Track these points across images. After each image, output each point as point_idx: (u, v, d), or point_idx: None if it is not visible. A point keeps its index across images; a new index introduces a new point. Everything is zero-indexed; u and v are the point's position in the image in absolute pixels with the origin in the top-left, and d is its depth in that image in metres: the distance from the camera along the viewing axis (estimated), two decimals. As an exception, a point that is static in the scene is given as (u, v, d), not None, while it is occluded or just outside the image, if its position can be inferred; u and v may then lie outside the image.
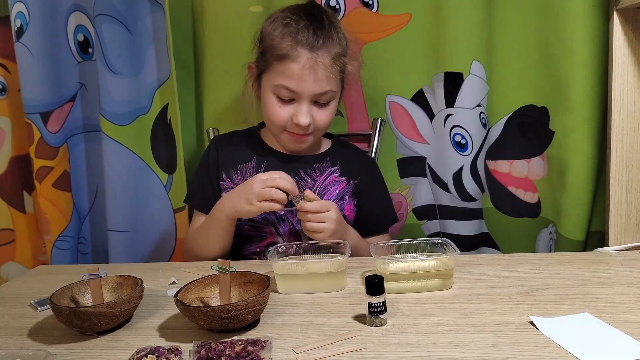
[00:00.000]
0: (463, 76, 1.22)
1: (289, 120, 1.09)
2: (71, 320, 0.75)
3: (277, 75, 1.07)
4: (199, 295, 0.82)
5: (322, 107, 1.10)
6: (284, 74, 1.06)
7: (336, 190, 1.15)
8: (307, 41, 1.05)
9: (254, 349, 0.68)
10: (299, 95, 1.07)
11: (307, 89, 1.06)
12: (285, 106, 1.09)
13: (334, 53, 1.07)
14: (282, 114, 1.09)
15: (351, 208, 1.16)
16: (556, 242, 1.25)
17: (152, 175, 1.39)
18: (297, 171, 1.15)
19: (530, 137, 1.26)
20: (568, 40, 1.13)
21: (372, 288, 0.75)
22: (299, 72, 1.05)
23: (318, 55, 1.05)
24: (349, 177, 1.17)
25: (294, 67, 1.05)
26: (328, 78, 1.07)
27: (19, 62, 1.35)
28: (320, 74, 1.05)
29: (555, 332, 0.70)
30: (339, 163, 1.18)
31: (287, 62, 1.05)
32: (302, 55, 1.05)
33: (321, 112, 1.10)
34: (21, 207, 1.51)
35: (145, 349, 0.70)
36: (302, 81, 1.05)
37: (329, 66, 1.06)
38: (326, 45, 1.06)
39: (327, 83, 1.07)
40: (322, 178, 1.16)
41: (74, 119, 1.43)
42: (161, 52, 1.33)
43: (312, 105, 1.09)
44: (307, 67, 1.04)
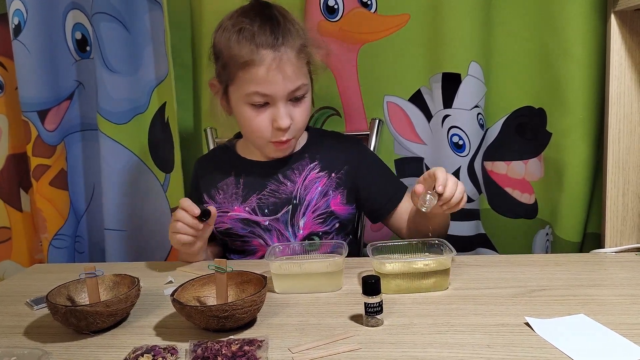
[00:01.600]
0: (461, 77, 1.22)
1: (270, 128, 1.06)
2: (67, 319, 0.74)
3: (245, 84, 1.04)
4: (196, 294, 0.82)
5: (297, 104, 1.07)
6: (252, 81, 1.02)
7: (318, 188, 1.13)
8: (266, 42, 1.01)
9: (250, 348, 0.68)
10: (272, 97, 1.04)
11: (279, 89, 1.03)
12: (261, 113, 1.06)
13: (297, 46, 1.04)
14: (261, 123, 1.06)
15: (338, 202, 1.13)
16: (552, 243, 1.25)
17: (149, 174, 1.39)
18: (275, 176, 1.13)
19: (528, 138, 1.27)
20: (565, 42, 1.14)
21: (369, 288, 0.75)
22: (266, 74, 1.01)
23: (282, 53, 1.01)
24: (330, 170, 1.14)
25: (260, 70, 1.01)
26: (297, 73, 1.04)
27: (17, 60, 1.35)
28: (288, 71, 1.02)
29: (550, 333, 0.70)
30: (317, 158, 1.15)
31: (252, 68, 1.01)
32: (265, 56, 1.01)
33: (298, 110, 1.07)
34: (18, 206, 1.51)
35: (142, 348, 0.70)
36: (272, 83, 1.02)
37: (295, 60, 1.03)
38: (287, 40, 1.03)
39: (297, 78, 1.04)
40: (302, 178, 1.13)
41: (71, 117, 1.43)
42: (159, 50, 1.33)
43: (288, 105, 1.06)
44: (274, 67, 1.01)
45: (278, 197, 1.12)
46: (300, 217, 1.12)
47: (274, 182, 1.13)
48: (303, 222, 1.12)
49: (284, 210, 1.11)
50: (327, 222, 1.13)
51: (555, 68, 1.17)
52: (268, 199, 1.12)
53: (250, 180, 1.14)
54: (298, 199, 1.12)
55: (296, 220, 1.12)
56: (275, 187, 1.13)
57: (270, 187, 1.13)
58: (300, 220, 1.12)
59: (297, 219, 1.12)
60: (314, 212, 1.12)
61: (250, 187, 1.13)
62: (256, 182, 1.14)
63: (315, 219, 1.12)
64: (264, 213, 1.12)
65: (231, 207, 1.13)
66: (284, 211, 1.12)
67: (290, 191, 1.13)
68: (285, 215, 1.12)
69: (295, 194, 1.12)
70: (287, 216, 1.12)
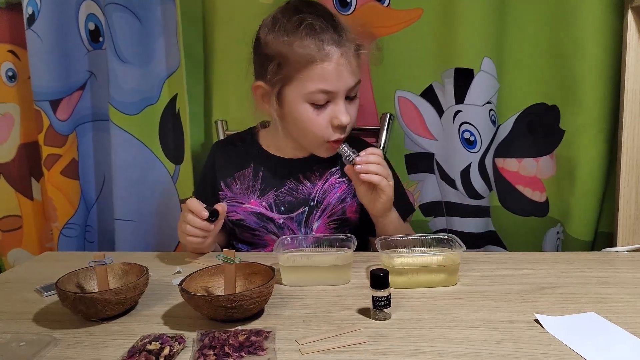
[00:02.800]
0: (474, 73, 1.21)
1: (328, 127, 1.05)
2: (76, 306, 0.75)
3: (309, 82, 1.01)
4: (204, 284, 0.82)
5: (352, 101, 1.07)
6: (318, 78, 1.00)
7: (337, 193, 1.13)
8: (332, 38, 1.00)
9: (257, 339, 0.68)
10: (335, 94, 1.03)
11: (342, 85, 1.02)
12: (321, 112, 1.04)
13: (355, 42, 1.04)
14: (321, 122, 1.04)
15: (353, 210, 1.13)
16: (563, 242, 1.24)
17: (159, 165, 1.39)
18: (296, 176, 1.13)
19: (540, 135, 1.25)
20: (580, 38, 1.12)
21: (377, 282, 0.75)
22: (335, 70, 1.00)
23: (346, 48, 1.01)
24: None
25: (328, 67, 1.00)
26: (357, 69, 1.04)
27: (30, 49, 1.36)
28: (352, 65, 1.02)
29: (560, 330, 0.69)
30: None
31: (319, 65, 0.99)
32: (332, 53, 1.00)
33: (352, 107, 1.07)
34: (29, 194, 1.52)
35: (150, 336, 0.70)
36: (339, 79, 1.01)
37: (356, 56, 1.04)
38: (347, 35, 1.02)
39: (357, 74, 1.05)
40: (322, 181, 1.13)
41: (83, 107, 1.44)
42: (171, 42, 1.33)
43: (345, 102, 1.05)
44: (341, 63, 1.00)
45: (295, 196, 1.12)
46: (315, 220, 1.12)
47: (294, 181, 1.13)
48: (317, 225, 1.12)
49: (299, 211, 1.12)
50: (339, 228, 1.13)
51: (569, 64, 1.15)
52: (285, 197, 1.12)
53: (269, 175, 1.13)
54: (315, 201, 1.12)
55: (310, 222, 1.12)
56: (294, 186, 1.13)
57: (288, 185, 1.13)
58: (315, 222, 1.12)
59: (312, 221, 1.12)
60: (329, 217, 1.12)
61: (269, 182, 1.13)
62: (275, 178, 1.13)
63: (329, 223, 1.13)
64: (279, 211, 1.12)
65: (247, 199, 1.13)
66: (300, 211, 1.12)
67: (308, 192, 1.12)
68: (301, 216, 1.12)
69: (313, 196, 1.12)
70: (302, 217, 1.12)
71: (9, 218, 1.51)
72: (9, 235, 1.52)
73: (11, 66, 1.47)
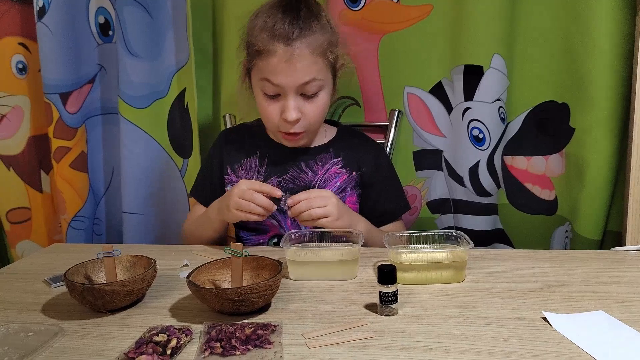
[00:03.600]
0: (483, 69, 1.21)
1: (279, 118, 1.08)
2: (84, 297, 0.75)
3: (260, 71, 1.07)
4: (211, 277, 0.82)
5: (310, 99, 1.07)
6: (265, 69, 1.05)
7: (337, 183, 1.14)
8: (282, 34, 1.03)
9: (264, 332, 0.68)
10: (282, 89, 1.05)
11: (288, 81, 1.04)
12: (273, 103, 1.08)
13: (314, 42, 1.04)
14: (271, 112, 1.08)
15: (353, 200, 1.15)
16: (572, 240, 1.23)
17: (167, 159, 1.40)
18: (298, 164, 1.15)
19: (550, 133, 1.24)
20: (592, 36, 1.11)
21: (384, 277, 0.75)
22: (277, 65, 1.03)
23: (294, 48, 1.02)
24: (352, 168, 1.16)
25: (273, 61, 1.03)
26: (309, 68, 1.04)
27: (40, 42, 1.36)
28: (299, 66, 1.03)
29: (568, 328, 0.69)
30: (342, 154, 1.16)
31: (266, 57, 1.04)
32: (277, 48, 1.03)
33: (310, 105, 1.08)
34: (38, 186, 1.53)
35: (157, 327, 0.70)
36: (282, 74, 1.03)
37: (308, 56, 1.04)
38: (303, 35, 1.03)
39: (309, 72, 1.04)
40: (324, 170, 1.15)
41: (92, 100, 1.44)
42: (180, 36, 1.33)
43: (299, 99, 1.06)
44: (284, 59, 1.02)
45: (297, 184, 1.14)
46: None
47: (296, 169, 1.15)
48: None
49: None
50: None
51: (580, 62, 1.14)
52: (287, 183, 1.14)
53: (273, 162, 1.16)
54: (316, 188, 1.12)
55: None
56: (296, 173, 1.14)
57: (291, 172, 1.15)
58: None
59: None
60: None
61: (273, 168, 1.15)
62: (279, 165, 1.15)
63: None
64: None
65: None
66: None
67: (309, 180, 1.14)
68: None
69: (314, 184, 1.14)
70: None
71: (18, 210, 1.52)
72: (18, 227, 1.53)
73: (22, 59, 1.47)
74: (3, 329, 0.73)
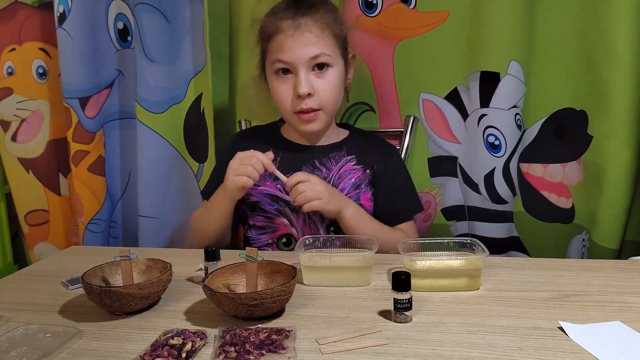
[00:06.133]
0: (500, 76, 1.20)
1: (292, 97, 1.10)
2: (101, 299, 0.76)
3: (270, 54, 1.11)
4: (226, 282, 0.82)
5: (321, 74, 1.10)
6: (275, 49, 1.10)
7: (352, 179, 1.15)
8: (287, 14, 1.09)
9: (278, 337, 0.68)
10: (292, 65, 1.09)
11: (297, 55, 1.07)
12: (284, 83, 1.11)
13: (321, 18, 1.09)
14: (283, 92, 1.11)
15: (368, 197, 1.15)
16: (589, 249, 1.22)
17: (183, 163, 1.41)
18: (312, 161, 1.16)
19: (567, 140, 1.23)
20: (611, 43, 1.10)
21: (399, 284, 0.74)
22: (285, 40, 1.08)
23: (300, 23, 1.07)
24: (365, 166, 1.16)
25: (280, 38, 1.08)
26: (317, 41, 1.08)
27: (60, 47, 1.39)
28: (307, 38, 1.07)
29: (585, 339, 0.68)
30: (355, 152, 1.17)
31: (274, 38, 1.09)
32: (283, 24, 1.08)
33: (321, 81, 1.10)
34: (56, 189, 1.55)
35: (172, 331, 0.71)
36: (291, 48, 1.08)
37: (316, 30, 1.08)
38: (309, 12, 1.08)
39: (318, 46, 1.08)
40: (338, 167, 1.15)
41: (110, 105, 1.46)
42: (198, 42, 1.35)
43: (310, 74, 1.09)
44: (291, 33, 1.07)
45: None
46: None
47: (309, 167, 1.15)
48: None
49: None
50: None
51: (598, 69, 1.13)
52: None
53: (287, 159, 1.16)
54: (331, 185, 1.12)
55: None
56: (310, 171, 1.14)
57: (304, 170, 1.14)
58: None
59: None
60: None
61: (286, 166, 1.13)
62: (292, 163, 1.15)
63: None
64: None
65: (263, 181, 1.14)
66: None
67: (324, 177, 1.13)
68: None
69: (329, 180, 1.14)
70: None
71: (36, 212, 1.55)
72: (36, 229, 1.55)
73: (42, 64, 1.50)
74: (22, 330, 0.74)
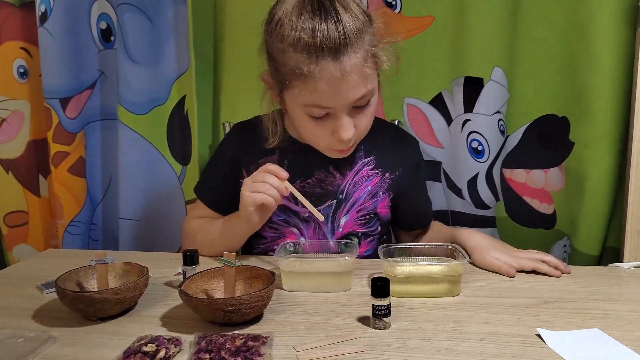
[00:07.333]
0: (483, 82, 1.21)
1: (330, 137, 0.95)
2: (75, 304, 0.75)
3: (302, 95, 0.90)
4: (204, 287, 0.81)
5: (362, 110, 0.93)
6: (311, 94, 0.88)
7: (368, 187, 1.04)
8: (327, 48, 0.84)
9: (254, 344, 0.67)
10: (333, 109, 0.91)
11: (343, 101, 0.89)
12: (321, 124, 0.93)
13: (363, 47, 0.88)
14: (320, 134, 0.95)
15: (385, 204, 1.06)
16: (570, 255, 1.22)
17: (166, 165, 1.39)
18: (325, 166, 1.03)
19: (550, 147, 1.24)
20: (593, 50, 1.11)
21: (378, 290, 0.74)
22: (328, 87, 0.87)
23: (344, 61, 0.85)
24: (385, 169, 1.05)
25: (321, 85, 0.86)
26: (363, 81, 0.89)
27: (41, 47, 1.37)
28: (352, 80, 0.87)
29: (562, 346, 0.68)
30: (374, 153, 1.06)
31: (310, 81, 0.87)
32: (325, 68, 0.85)
33: (362, 117, 0.94)
34: (36, 191, 1.53)
35: (146, 337, 0.69)
36: (335, 95, 0.88)
37: (361, 67, 0.87)
38: (350, 41, 0.85)
39: (362, 86, 0.89)
40: (353, 172, 1.04)
41: (92, 106, 1.44)
42: (181, 43, 1.33)
43: (351, 113, 0.92)
44: (337, 79, 0.86)
45: (324, 188, 1.03)
46: (343, 215, 1.04)
47: (323, 172, 1.03)
48: (344, 221, 1.05)
49: (326, 204, 1.03)
50: (369, 224, 1.06)
51: (581, 76, 1.14)
52: (313, 188, 1.03)
53: (296, 164, 1.02)
54: (345, 194, 1.04)
55: (338, 216, 1.04)
56: (323, 176, 1.04)
57: (317, 175, 1.04)
58: (342, 217, 1.04)
59: (339, 215, 1.04)
60: (359, 212, 1.05)
61: (295, 171, 1.00)
62: (302, 168, 1.03)
63: (358, 219, 1.05)
64: None
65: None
66: (327, 205, 1.03)
67: (338, 184, 1.04)
68: (327, 210, 1.03)
69: (342, 189, 1.04)
70: (329, 210, 1.04)
71: (15, 214, 1.52)
72: (15, 230, 1.52)
73: (23, 63, 1.48)
74: (-7, 335, 0.73)
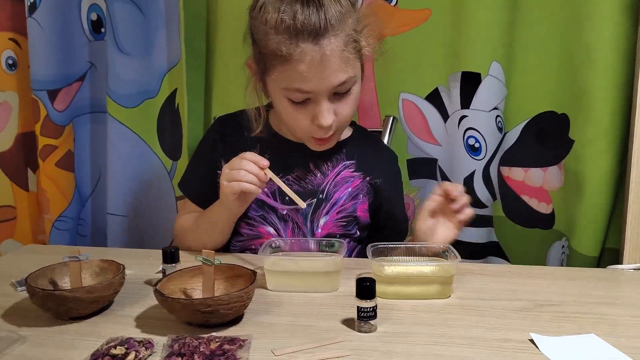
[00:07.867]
0: (481, 77, 1.17)
1: (310, 124, 0.95)
2: (45, 303, 0.72)
3: (283, 78, 0.91)
4: (183, 286, 0.78)
5: (343, 97, 0.94)
6: (291, 77, 0.90)
7: (348, 189, 1.03)
8: (308, 32, 0.86)
9: (230, 347, 0.64)
10: (313, 94, 0.91)
11: (322, 86, 0.90)
12: (301, 110, 0.94)
13: (344, 32, 0.89)
14: (301, 120, 0.95)
15: (365, 208, 1.05)
16: (568, 256, 1.19)
17: (156, 160, 1.36)
18: (306, 163, 1.03)
19: (548, 145, 1.21)
20: (593, 47, 1.08)
21: (363, 291, 0.70)
22: (308, 70, 0.88)
23: (325, 46, 0.87)
24: (366, 173, 1.05)
25: (301, 67, 0.88)
26: (343, 66, 0.89)
27: (30, 38, 1.34)
28: (333, 64, 0.88)
29: (556, 352, 0.65)
30: (355, 157, 1.05)
31: (291, 63, 0.88)
32: (306, 51, 0.87)
33: (343, 104, 0.94)
34: (24, 185, 1.50)
35: (116, 339, 0.66)
36: (313, 80, 0.89)
37: (341, 51, 0.88)
38: (331, 27, 0.87)
39: (344, 71, 0.90)
40: (334, 173, 1.03)
41: (81, 98, 1.41)
42: (172, 35, 1.30)
43: (332, 100, 0.93)
44: (316, 62, 0.87)
45: (303, 186, 1.02)
46: (322, 215, 1.03)
47: (302, 169, 1.03)
48: (324, 221, 1.03)
49: (306, 202, 0.99)
50: (349, 227, 1.04)
51: (580, 73, 1.11)
52: (291, 185, 1.01)
53: (277, 159, 0.98)
54: (325, 194, 1.02)
55: (317, 216, 1.03)
56: (302, 174, 1.03)
57: (296, 173, 1.03)
58: (322, 218, 1.03)
59: (319, 215, 1.03)
60: (338, 214, 1.03)
61: (275, 167, 0.97)
62: (282, 163, 1.01)
63: (338, 220, 1.03)
64: (284, 200, 1.01)
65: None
66: (307, 203, 1.00)
67: (318, 183, 1.03)
68: (307, 208, 1.02)
69: (323, 188, 1.03)
70: (308, 209, 1.02)
71: (2, 208, 1.49)
72: (2, 225, 1.49)
73: (12, 54, 1.45)
74: (-40, 334, 0.70)
